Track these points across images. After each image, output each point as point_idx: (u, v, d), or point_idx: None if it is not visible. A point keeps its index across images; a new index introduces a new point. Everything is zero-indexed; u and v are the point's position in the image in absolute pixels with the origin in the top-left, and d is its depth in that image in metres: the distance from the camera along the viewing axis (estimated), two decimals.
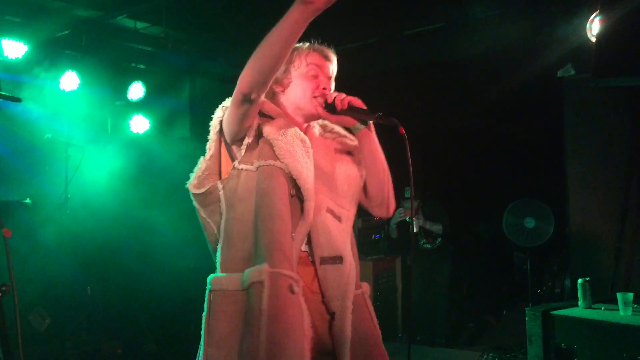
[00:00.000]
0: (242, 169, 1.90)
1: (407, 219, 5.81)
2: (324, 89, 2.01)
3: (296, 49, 2.02)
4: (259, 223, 1.83)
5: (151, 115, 6.19)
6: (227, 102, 1.96)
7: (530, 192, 6.09)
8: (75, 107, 5.68)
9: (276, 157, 1.87)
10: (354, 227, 2.06)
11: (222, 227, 1.91)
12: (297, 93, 2.01)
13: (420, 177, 6.58)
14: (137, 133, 6.15)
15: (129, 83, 5.83)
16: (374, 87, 6.56)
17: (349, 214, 2.02)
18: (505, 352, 4.36)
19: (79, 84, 5.35)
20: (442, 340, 5.87)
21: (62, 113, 5.60)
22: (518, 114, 6.76)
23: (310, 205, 1.87)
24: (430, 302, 5.95)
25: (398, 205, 6.03)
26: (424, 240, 5.98)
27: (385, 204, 2.11)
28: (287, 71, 2.01)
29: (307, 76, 2.01)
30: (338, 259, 1.91)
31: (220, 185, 1.94)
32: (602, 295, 3.58)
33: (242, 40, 5.78)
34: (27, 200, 4.10)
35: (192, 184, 1.96)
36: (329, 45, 2.09)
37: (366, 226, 6.35)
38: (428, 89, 6.57)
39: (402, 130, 1.86)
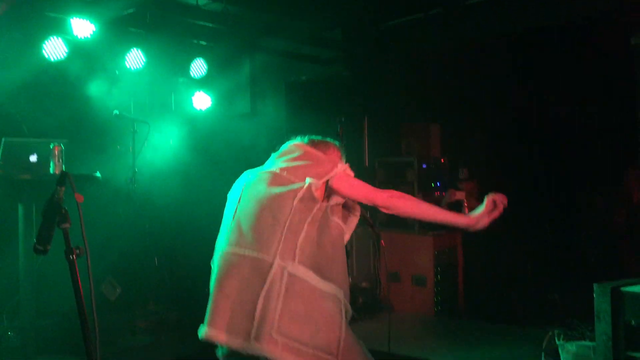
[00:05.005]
0: (327, 209, 2.51)
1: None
2: None
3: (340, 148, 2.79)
4: (338, 256, 2.53)
5: (213, 92, 6.29)
6: (345, 168, 2.58)
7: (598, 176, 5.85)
8: (140, 84, 5.84)
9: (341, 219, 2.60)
10: None
11: (313, 230, 2.43)
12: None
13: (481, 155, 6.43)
14: (200, 110, 6.27)
15: (191, 60, 5.91)
16: (433, 63, 6.41)
17: None
18: (572, 329, 4.24)
19: (144, 62, 5.48)
20: (504, 317, 5.77)
21: (129, 90, 5.78)
22: (588, 89, 6.46)
23: None
24: (492, 280, 5.85)
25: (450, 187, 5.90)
26: None
27: None
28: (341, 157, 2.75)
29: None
30: None
31: (317, 205, 2.46)
32: None
33: (302, 16, 5.77)
34: (97, 174, 4.26)
35: (314, 185, 2.47)
36: None
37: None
38: (492, 64, 6.36)
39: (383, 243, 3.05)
